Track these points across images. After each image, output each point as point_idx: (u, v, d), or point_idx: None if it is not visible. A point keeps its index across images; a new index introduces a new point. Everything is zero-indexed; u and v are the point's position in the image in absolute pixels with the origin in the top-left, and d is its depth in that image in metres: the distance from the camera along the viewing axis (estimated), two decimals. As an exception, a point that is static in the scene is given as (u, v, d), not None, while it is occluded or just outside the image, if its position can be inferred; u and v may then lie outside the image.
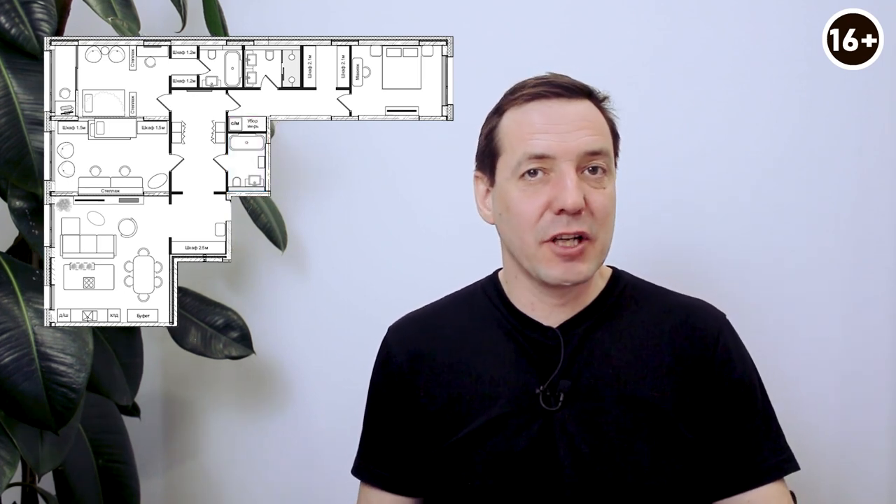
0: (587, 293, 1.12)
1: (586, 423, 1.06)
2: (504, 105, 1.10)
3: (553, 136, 1.04)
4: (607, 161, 1.07)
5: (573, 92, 1.07)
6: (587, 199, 1.03)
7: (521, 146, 1.06)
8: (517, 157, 1.06)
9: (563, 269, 1.04)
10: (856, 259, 1.50)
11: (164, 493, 1.72)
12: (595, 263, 1.06)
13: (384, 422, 1.17)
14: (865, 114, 1.48)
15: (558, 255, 1.04)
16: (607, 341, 1.10)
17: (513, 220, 1.07)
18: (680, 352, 1.09)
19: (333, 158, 1.62)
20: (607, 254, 1.09)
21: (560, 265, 1.04)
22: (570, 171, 1.03)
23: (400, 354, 1.15)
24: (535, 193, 1.05)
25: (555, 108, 1.06)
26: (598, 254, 1.06)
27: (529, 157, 1.05)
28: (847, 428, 1.51)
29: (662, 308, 1.13)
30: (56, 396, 1.13)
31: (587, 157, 1.05)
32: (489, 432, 1.08)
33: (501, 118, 1.10)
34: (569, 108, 1.06)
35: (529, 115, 1.07)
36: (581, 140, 1.04)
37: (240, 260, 1.65)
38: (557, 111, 1.06)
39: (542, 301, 1.10)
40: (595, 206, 1.04)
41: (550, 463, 1.06)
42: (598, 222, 1.05)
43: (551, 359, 1.08)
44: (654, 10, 1.53)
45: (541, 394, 1.07)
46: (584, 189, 1.04)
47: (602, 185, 1.06)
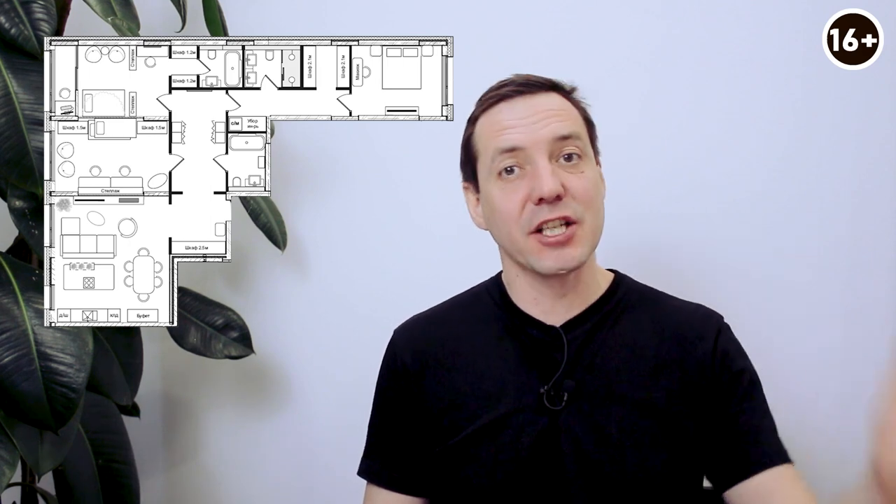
0: (589, 293, 1.12)
1: (590, 422, 1.06)
2: (476, 113, 1.13)
3: (520, 128, 1.06)
4: (581, 145, 1.07)
5: (537, 87, 1.09)
6: (566, 185, 1.04)
7: (492, 144, 1.08)
8: (490, 155, 1.08)
9: (554, 258, 1.05)
10: (856, 259, 1.50)
11: (163, 493, 1.72)
12: (587, 246, 1.06)
13: (390, 422, 1.17)
14: (865, 114, 1.48)
15: (547, 245, 1.05)
16: (609, 342, 1.10)
17: (498, 219, 1.08)
18: (679, 353, 1.09)
19: (333, 158, 1.62)
20: (599, 237, 1.09)
21: (551, 254, 1.05)
22: (543, 159, 1.04)
23: (406, 355, 1.15)
24: (514, 189, 1.06)
25: (520, 103, 1.08)
26: (588, 237, 1.06)
27: (501, 151, 1.06)
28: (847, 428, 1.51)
29: (662, 312, 1.13)
30: (56, 396, 1.13)
31: (558, 142, 1.05)
32: (494, 431, 1.08)
33: (475, 126, 1.12)
34: (534, 101, 1.08)
35: (497, 115, 1.09)
36: (549, 127, 1.05)
37: (240, 260, 1.65)
38: (523, 106, 1.08)
39: (543, 295, 1.11)
40: (575, 190, 1.05)
41: (555, 462, 1.06)
42: (582, 205, 1.05)
43: (554, 358, 1.09)
44: (654, 11, 1.53)
45: (545, 393, 1.07)
46: (561, 175, 1.05)
47: (579, 169, 1.06)
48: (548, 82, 1.10)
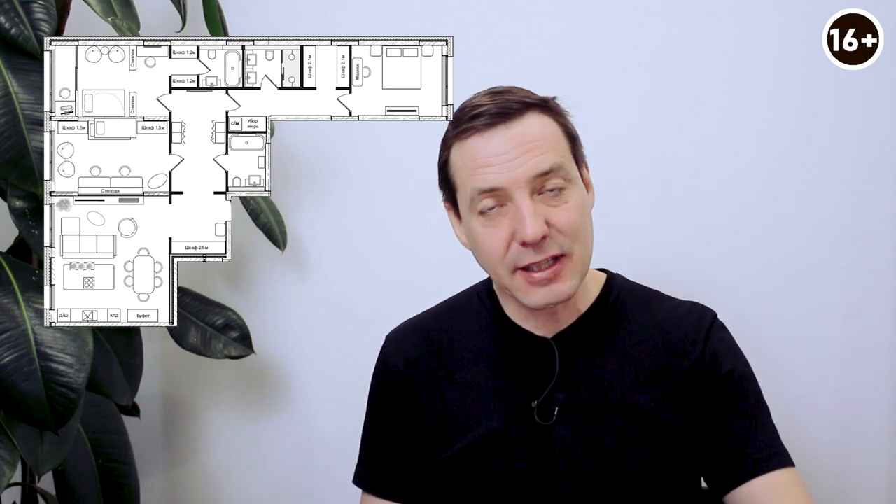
0: (581, 301, 1.11)
1: (583, 434, 1.06)
2: (449, 138, 1.07)
3: (497, 167, 1.00)
4: (565, 173, 1.02)
5: (511, 112, 1.02)
6: (550, 222, 1.00)
7: (470, 182, 1.03)
8: (469, 193, 1.03)
9: (542, 294, 1.02)
10: (856, 259, 1.50)
11: (163, 493, 1.72)
12: (576, 279, 1.03)
13: (383, 430, 1.16)
14: (865, 114, 1.48)
15: (534, 283, 1.02)
16: (602, 352, 1.09)
17: (482, 256, 1.06)
18: (671, 358, 1.08)
19: (333, 158, 1.62)
20: (588, 265, 1.06)
21: (538, 291, 1.02)
22: (525, 199, 1.00)
23: (398, 363, 1.14)
24: (496, 227, 1.02)
25: (495, 137, 1.01)
26: (576, 269, 1.03)
27: (480, 192, 1.02)
28: (847, 429, 1.51)
29: (655, 314, 1.12)
30: (56, 396, 1.13)
31: (539, 178, 1.00)
32: (486, 446, 1.07)
33: (450, 152, 1.06)
34: (510, 132, 1.01)
35: (472, 149, 1.03)
36: (528, 164, 1.00)
37: (240, 260, 1.65)
38: (498, 140, 1.01)
39: (534, 313, 1.09)
40: (560, 224, 1.01)
41: (549, 476, 1.06)
42: (569, 238, 1.01)
43: (546, 371, 1.08)
44: (654, 11, 1.53)
45: (536, 408, 1.06)
46: (545, 212, 1.00)
47: (563, 200, 1.02)
48: (524, 101, 1.03)
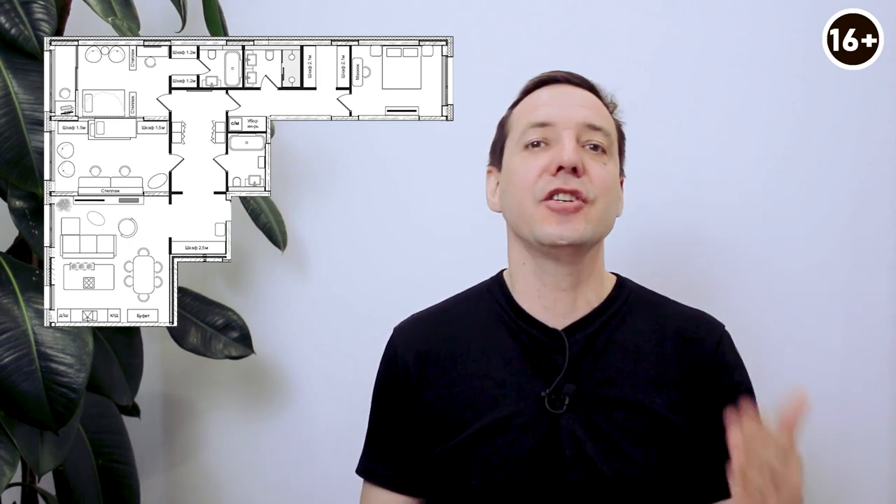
0: (593, 295, 1.11)
1: (591, 426, 1.06)
2: (518, 98, 1.17)
3: (555, 107, 1.10)
4: (608, 141, 1.10)
5: (584, 84, 1.14)
6: (585, 166, 1.06)
7: (525, 118, 1.11)
8: (521, 128, 1.10)
9: (558, 225, 1.05)
10: (856, 259, 1.50)
11: (164, 493, 1.72)
12: (592, 227, 1.06)
13: (389, 421, 1.17)
14: (865, 114, 1.48)
15: (554, 211, 1.05)
16: (611, 347, 1.10)
17: (514, 188, 1.09)
18: (680, 360, 1.09)
19: (333, 158, 1.62)
20: (606, 228, 1.10)
21: (555, 221, 1.05)
22: (570, 137, 1.07)
23: (406, 354, 1.15)
24: (535, 159, 1.08)
25: (561, 88, 1.13)
26: (595, 219, 1.07)
27: (532, 125, 1.09)
28: (847, 429, 1.51)
29: (664, 317, 1.13)
30: (56, 396, 1.13)
31: (587, 129, 1.08)
32: (494, 434, 1.08)
33: (516, 106, 1.16)
34: (576, 92, 1.13)
35: (537, 95, 1.14)
36: (582, 113, 1.09)
37: (240, 260, 1.65)
38: (563, 91, 1.13)
39: (546, 285, 1.10)
40: (594, 173, 1.07)
41: (556, 465, 1.06)
42: (597, 189, 1.07)
43: (556, 361, 1.08)
44: (654, 11, 1.53)
45: (546, 397, 1.07)
46: (583, 156, 1.07)
47: (602, 161, 1.09)
48: (594, 86, 1.15)
